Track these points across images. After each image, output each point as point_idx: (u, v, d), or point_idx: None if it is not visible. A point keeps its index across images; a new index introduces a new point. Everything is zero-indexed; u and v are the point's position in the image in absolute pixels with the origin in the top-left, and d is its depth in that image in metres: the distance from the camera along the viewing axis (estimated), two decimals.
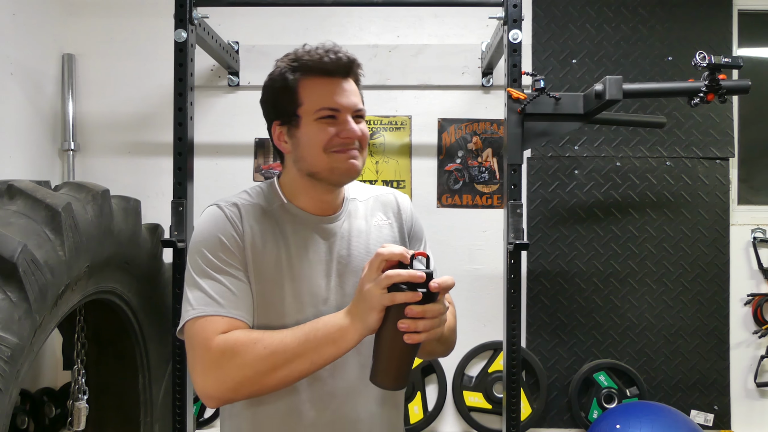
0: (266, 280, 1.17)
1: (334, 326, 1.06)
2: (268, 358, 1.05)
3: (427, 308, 1.00)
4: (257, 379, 1.06)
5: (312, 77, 1.17)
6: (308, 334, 1.07)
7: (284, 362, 1.06)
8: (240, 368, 1.06)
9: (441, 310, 1.03)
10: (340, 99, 1.16)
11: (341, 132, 1.15)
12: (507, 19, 2.05)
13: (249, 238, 1.17)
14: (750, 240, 2.66)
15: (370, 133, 2.66)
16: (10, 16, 2.36)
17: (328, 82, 1.17)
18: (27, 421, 2.44)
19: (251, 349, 1.06)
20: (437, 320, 1.02)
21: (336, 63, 1.16)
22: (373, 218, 1.30)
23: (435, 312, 1.01)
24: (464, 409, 2.62)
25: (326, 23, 2.69)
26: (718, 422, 2.61)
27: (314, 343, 1.06)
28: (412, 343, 1.00)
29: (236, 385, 1.07)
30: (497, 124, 2.68)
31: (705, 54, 1.84)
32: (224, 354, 1.06)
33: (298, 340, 1.06)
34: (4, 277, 1.43)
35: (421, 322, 1.00)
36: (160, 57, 2.56)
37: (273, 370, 1.06)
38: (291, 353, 1.06)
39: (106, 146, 2.68)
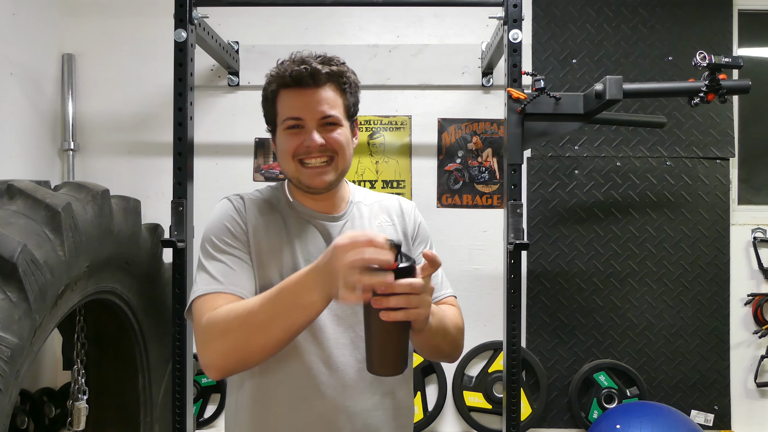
0: (267, 266, 1.23)
1: (300, 291, 1.05)
2: (241, 327, 1.08)
3: (396, 283, 0.96)
4: (238, 347, 1.09)
5: (284, 89, 1.25)
6: (275, 301, 1.07)
7: (257, 329, 1.07)
8: (222, 339, 1.10)
9: (414, 285, 0.97)
10: (303, 108, 1.23)
11: (304, 141, 1.23)
12: (507, 19, 2.05)
13: (252, 225, 1.25)
14: (750, 240, 2.66)
15: (369, 133, 2.70)
16: (10, 16, 2.36)
17: (295, 93, 1.24)
18: (27, 421, 2.44)
19: (227, 320, 1.10)
20: (415, 298, 0.98)
21: (299, 75, 1.22)
22: (376, 220, 1.35)
23: (405, 287, 0.97)
24: (464, 409, 2.62)
25: (326, 23, 2.69)
26: (718, 422, 2.61)
27: (282, 308, 1.06)
28: (389, 320, 0.97)
29: (223, 356, 1.10)
30: (497, 124, 2.67)
31: (705, 54, 1.84)
32: (208, 328, 1.12)
33: (265, 308, 1.08)
34: (4, 277, 1.43)
35: (393, 298, 0.97)
36: (160, 57, 2.56)
37: (249, 337, 1.08)
38: (261, 320, 1.07)
39: (106, 146, 2.68)
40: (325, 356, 1.22)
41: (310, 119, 1.23)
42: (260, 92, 1.31)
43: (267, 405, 1.23)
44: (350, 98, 1.29)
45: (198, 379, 2.60)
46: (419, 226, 1.41)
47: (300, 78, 1.22)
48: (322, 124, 1.23)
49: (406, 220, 1.38)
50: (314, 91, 1.23)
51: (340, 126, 1.25)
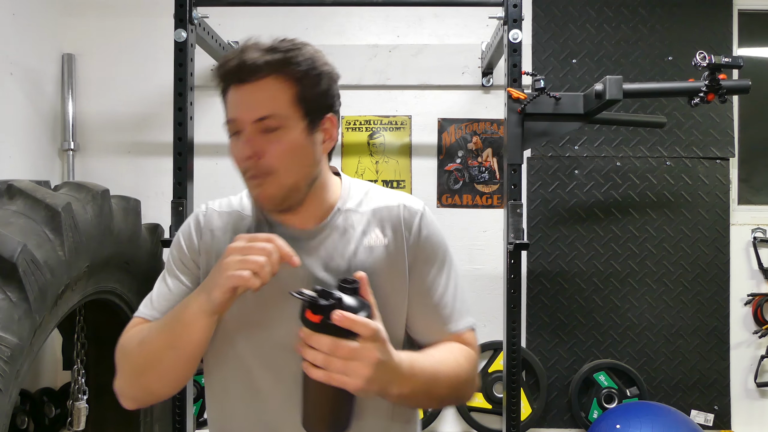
0: None
1: (183, 304, 0.97)
2: (137, 349, 1.00)
3: (311, 336, 0.84)
4: (138, 373, 1.00)
5: (226, 85, 1.02)
6: (163, 320, 0.99)
7: (149, 352, 0.98)
8: (125, 364, 1.02)
9: (338, 347, 0.83)
10: (235, 109, 1.00)
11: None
12: (507, 19, 2.05)
13: (206, 247, 1.08)
14: (750, 240, 2.66)
15: (369, 133, 2.70)
16: (10, 16, 2.36)
17: (234, 91, 1.00)
18: (27, 421, 2.44)
19: (130, 344, 1.02)
20: (338, 362, 0.83)
21: (231, 69, 0.99)
22: (366, 236, 1.08)
23: (324, 345, 0.83)
24: (464, 409, 2.62)
25: (326, 23, 2.69)
26: (718, 422, 2.61)
27: (169, 325, 0.97)
28: (314, 378, 0.84)
29: (128, 383, 1.02)
30: (497, 124, 2.67)
31: (705, 54, 1.84)
32: (118, 352, 1.04)
33: (155, 328, 1.00)
34: (4, 277, 1.43)
35: (309, 352, 0.84)
36: (160, 57, 2.56)
37: (144, 361, 0.99)
38: (155, 342, 0.98)
39: (106, 146, 2.68)
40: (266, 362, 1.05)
41: (243, 121, 0.99)
42: None
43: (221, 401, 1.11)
44: (309, 89, 1.00)
45: (198, 379, 2.60)
46: (424, 240, 1.10)
47: (233, 72, 0.99)
48: (259, 128, 0.99)
49: (405, 237, 1.09)
50: (248, 88, 0.99)
51: (283, 128, 0.99)
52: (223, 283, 0.91)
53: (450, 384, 1.03)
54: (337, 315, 0.82)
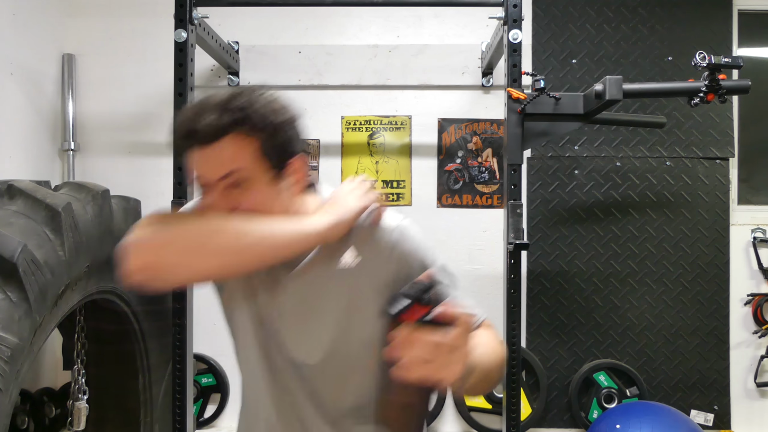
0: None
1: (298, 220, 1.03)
2: (214, 233, 0.99)
3: (412, 337, 0.80)
4: (191, 253, 0.98)
5: (188, 147, 1.02)
6: (268, 223, 1.01)
7: (236, 244, 0.98)
8: (181, 238, 0.99)
9: (441, 345, 0.80)
10: (200, 170, 1.02)
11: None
12: (507, 19, 2.05)
13: None
14: (750, 240, 2.66)
15: (369, 133, 2.70)
16: (10, 16, 2.36)
17: (196, 153, 1.01)
18: (27, 421, 2.44)
19: (193, 218, 1.05)
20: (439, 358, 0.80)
21: (194, 132, 0.99)
22: (340, 260, 1.07)
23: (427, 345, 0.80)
24: (464, 409, 2.62)
25: (326, 23, 2.69)
26: (718, 422, 2.61)
27: (275, 230, 1.00)
28: (403, 378, 0.80)
29: (163, 258, 0.98)
30: (497, 124, 2.67)
31: (705, 54, 1.84)
32: (161, 216, 1.04)
33: (259, 227, 1.00)
34: (4, 277, 1.43)
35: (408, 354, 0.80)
36: (160, 57, 2.56)
37: (215, 248, 0.98)
38: (245, 237, 0.98)
39: (106, 146, 2.68)
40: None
41: (207, 183, 1.02)
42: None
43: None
44: (270, 142, 1.01)
45: (198, 379, 2.61)
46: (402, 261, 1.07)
47: (192, 136, 1.00)
48: (226, 186, 1.00)
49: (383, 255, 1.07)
50: (209, 149, 0.99)
51: (249, 181, 1.00)
52: (354, 206, 1.04)
53: (498, 366, 1.05)
54: (447, 307, 0.80)
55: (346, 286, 1.07)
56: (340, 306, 1.07)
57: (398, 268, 1.06)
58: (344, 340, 1.08)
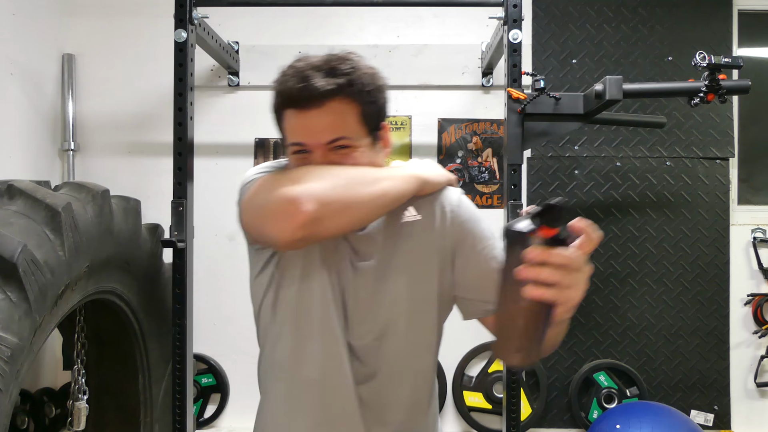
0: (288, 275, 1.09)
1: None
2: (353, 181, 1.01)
3: (551, 253, 0.79)
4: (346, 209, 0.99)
5: (287, 108, 1.04)
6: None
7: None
8: (326, 182, 0.99)
9: (573, 259, 0.80)
10: (305, 134, 1.03)
11: None
12: (507, 19, 2.05)
13: None
14: (750, 240, 2.66)
15: None
16: (10, 16, 2.36)
17: (298, 115, 1.03)
18: (27, 421, 2.44)
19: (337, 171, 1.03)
20: (569, 276, 0.80)
21: (297, 95, 1.01)
22: (404, 214, 1.11)
23: (563, 260, 0.79)
24: (464, 409, 2.62)
25: (326, 23, 2.69)
26: (718, 422, 2.61)
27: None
28: (533, 298, 0.80)
29: (324, 198, 0.96)
30: (497, 124, 2.67)
31: (705, 54, 1.85)
32: (305, 170, 1.03)
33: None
34: (4, 277, 1.43)
35: (545, 271, 0.79)
36: (160, 57, 2.56)
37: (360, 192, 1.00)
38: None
39: (106, 146, 2.68)
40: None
41: (314, 146, 1.03)
42: (260, 92, 1.25)
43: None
44: (369, 106, 1.05)
45: (198, 379, 2.61)
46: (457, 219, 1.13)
47: (300, 99, 1.01)
48: (331, 149, 1.03)
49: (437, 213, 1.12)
50: (317, 112, 1.01)
51: (354, 148, 1.04)
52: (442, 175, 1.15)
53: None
54: (580, 222, 0.81)
55: (410, 237, 1.10)
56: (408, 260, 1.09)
57: (455, 231, 1.12)
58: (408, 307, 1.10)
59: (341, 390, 1.08)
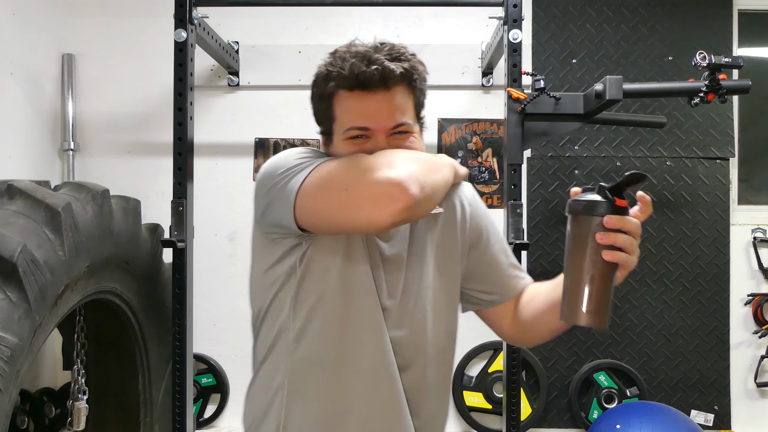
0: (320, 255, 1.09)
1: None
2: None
3: (626, 219, 0.91)
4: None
5: (344, 91, 1.05)
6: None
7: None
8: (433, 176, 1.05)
9: (639, 227, 0.93)
10: (371, 118, 1.04)
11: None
12: (507, 19, 2.05)
13: None
14: (750, 240, 2.66)
15: None
16: (10, 16, 2.36)
17: (362, 98, 1.04)
18: (27, 421, 2.44)
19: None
20: (635, 240, 0.93)
21: (368, 77, 1.02)
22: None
23: (634, 227, 0.92)
24: (464, 409, 2.62)
25: (326, 23, 2.68)
26: (718, 422, 2.61)
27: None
28: (611, 261, 0.92)
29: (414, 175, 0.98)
30: (497, 124, 2.67)
31: (705, 54, 1.85)
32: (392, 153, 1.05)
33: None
34: (4, 277, 1.43)
35: (621, 236, 0.91)
36: (160, 57, 2.56)
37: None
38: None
39: (106, 146, 2.68)
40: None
41: (379, 130, 1.05)
42: (260, 92, 1.24)
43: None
44: (420, 96, 1.11)
45: (198, 379, 2.60)
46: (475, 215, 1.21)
47: (370, 81, 1.02)
48: (392, 133, 1.06)
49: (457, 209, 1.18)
50: (384, 96, 1.04)
51: (412, 133, 1.08)
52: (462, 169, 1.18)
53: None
54: (645, 196, 0.95)
55: (435, 229, 1.15)
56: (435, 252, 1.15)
57: (473, 225, 1.20)
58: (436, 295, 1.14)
59: (390, 381, 1.08)
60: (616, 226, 0.91)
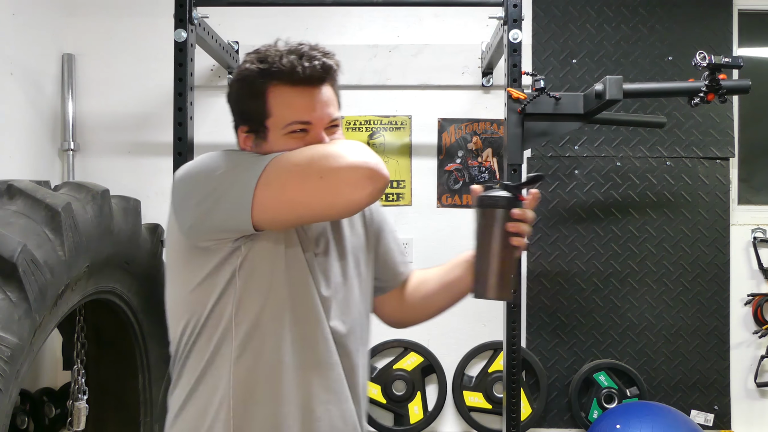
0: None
1: None
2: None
3: (527, 211, 1.12)
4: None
5: (282, 86, 1.07)
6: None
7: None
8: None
9: (534, 217, 1.15)
10: (314, 112, 1.08)
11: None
12: (507, 19, 2.05)
13: None
14: (750, 240, 2.66)
15: (369, 133, 2.70)
16: (10, 16, 2.36)
17: (301, 93, 1.07)
18: (27, 421, 2.44)
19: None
20: (530, 229, 1.13)
21: (311, 72, 1.05)
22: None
23: (531, 217, 1.13)
24: (464, 409, 2.62)
25: (326, 23, 2.69)
26: (718, 422, 2.61)
27: None
28: (517, 245, 1.13)
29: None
30: (497, 124, 2.67)
31: (705, 54, 1.84)
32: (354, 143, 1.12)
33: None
34: (4, 277, 1.43)
35: (525, 226, 1.12)
36: (160, 57, 2.56)
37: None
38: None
39: (106, 146, 2.68)
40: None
41: (319, 123, 1.08)
42: None
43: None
44: (338, 92, 1.16)
45: None
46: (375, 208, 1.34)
47: (312, 76, 1.06)
48: (327, 126, 1.10)
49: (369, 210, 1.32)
50: (323, 90, 1.08)
51: (338, 126, 1.14)
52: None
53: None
54: (537, 191, 1.16)
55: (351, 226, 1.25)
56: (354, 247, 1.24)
57: (376, 220, 1.32)
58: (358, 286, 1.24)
59: (335, 368, 1.15)
60: (521, 217, 1.11)
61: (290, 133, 1.08)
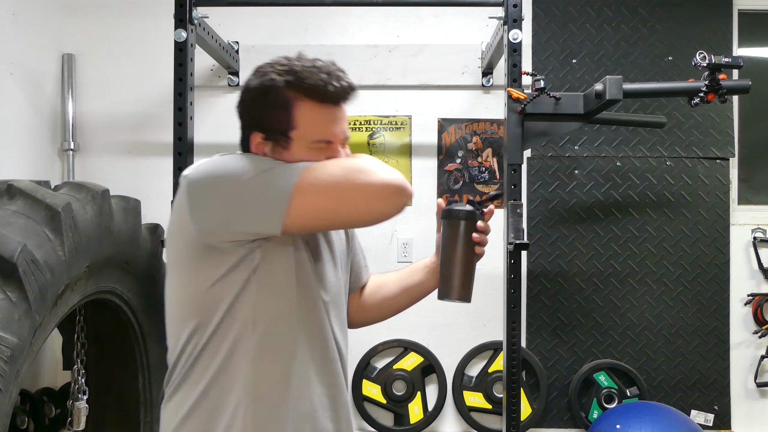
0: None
1: None
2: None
3: (488, 224, 1.29)
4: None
5: (311, 102, 1.13)
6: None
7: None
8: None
9: (490, 229, 1.31)
10: (337, 130, 1.16)
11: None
12: (507, 19, 2.05)
13: None
14: (750, 240, 2.66)
15: (369, 133, 2.70)
16: (10, 16, 2.36)
17: (328, 111, 1.15)
18: (27, 421, 2.44)
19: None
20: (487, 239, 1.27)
21: (341, 92, 1.14)
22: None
23: (489, 229, 1.30)
24: (464, 409, 2.62)
25: (326, 23, 2.69)
26: (718, 422, 2.61)
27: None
28: (480, 254, 1.29)
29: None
30: (497, 124, 2.67)
31: (705, 54, 1.84)
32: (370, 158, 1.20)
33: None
34: (4, 277, 1.43)
35: (484, 236, 1.27)
36: (160, 57, 2.56)
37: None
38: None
39: (106, 146, 2.68)
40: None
41: (341, 140, 1.18)
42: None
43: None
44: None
45: None
46: None
47: (340, 96, 1.14)
48: (343, 143, 1.20)
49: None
50: (342, 109, 1.17)
51: (348, 139, 1.23)
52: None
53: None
54: (492, 208, 1.32)
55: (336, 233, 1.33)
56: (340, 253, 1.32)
57: (352, 231, 1.41)
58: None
59: (335, 364, 1.23)
60: (484, 229, 1.27)
61: (314, 148, 1.14)
